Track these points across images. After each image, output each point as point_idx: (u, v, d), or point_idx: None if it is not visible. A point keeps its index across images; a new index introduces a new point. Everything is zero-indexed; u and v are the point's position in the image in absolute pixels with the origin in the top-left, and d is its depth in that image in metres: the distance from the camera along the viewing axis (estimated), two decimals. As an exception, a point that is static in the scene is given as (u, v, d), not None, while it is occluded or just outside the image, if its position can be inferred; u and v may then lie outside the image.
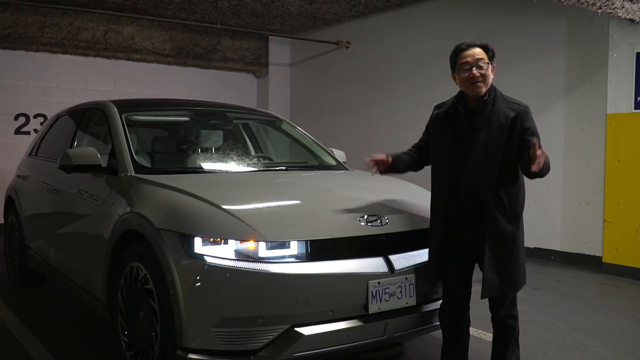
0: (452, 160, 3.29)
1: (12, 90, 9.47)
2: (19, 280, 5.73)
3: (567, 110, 7.34)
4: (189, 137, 4.72)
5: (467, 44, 3.27)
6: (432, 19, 9.03)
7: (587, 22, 6.98)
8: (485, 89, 3.23)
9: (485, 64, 3.21)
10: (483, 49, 3.25)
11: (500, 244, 3.19)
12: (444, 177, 3.32)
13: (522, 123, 3.17)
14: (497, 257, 3.19)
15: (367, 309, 3.16)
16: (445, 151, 3.34)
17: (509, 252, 3.22)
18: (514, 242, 3.24)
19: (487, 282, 3.19)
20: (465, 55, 3.23)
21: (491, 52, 3.27)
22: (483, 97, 3.23)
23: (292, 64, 12.00)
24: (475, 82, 3.20)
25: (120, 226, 3.52)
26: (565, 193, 7.36)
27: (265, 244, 3.01)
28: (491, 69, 3.25)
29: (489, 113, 3.22)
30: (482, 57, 3.21)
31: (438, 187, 3.38)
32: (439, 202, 3.36)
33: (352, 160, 10.19)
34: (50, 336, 4.35)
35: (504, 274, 3.21)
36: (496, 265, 3.19)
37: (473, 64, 3.19)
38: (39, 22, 9.35)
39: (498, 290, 3.24)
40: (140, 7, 9.38)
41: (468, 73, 3.20)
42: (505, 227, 3.19)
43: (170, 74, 10.99)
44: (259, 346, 2.96)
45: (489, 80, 3.24)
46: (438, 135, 3.44)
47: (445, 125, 3.37)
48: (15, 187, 5.86)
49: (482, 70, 3.19)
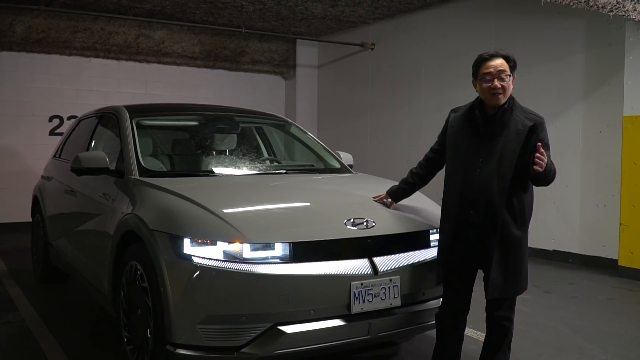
0: (466, 163, 3.37)
1: (47, 92, 9.87)
2: (43, 277, 6.02)
3: (586, 111, 7.30)
4: (196, 141, 4.91)
5: (490, 54, 3.31)
6: (454, 21, 9.06)
7: (605, 23, 6.93)
8: (505, 100, 3.29)
9: (507, 76, 3.26)
10: (505, 59, 3.28)
11: (508, 248, 3.28)
12: (458, 180, 3.40)
13: (538, 134, 3.24)
14: (505, 259, 3.28)
15: (349, 309, 3.27)
16: (461, 154, 3.41)
17: (515, 255, 3.31)
18: (520, 246, 3.33)
19: (493, 283, 3.28)
20: (488, 65, 3.28)
21: (513, 63, 3.30)
22: (502, 106, 3.30)
23: (319, 66, 12.15)
24: (496, 93, 3.26)
25: (122, 227, 3.72)
26: (584, 195, 7.32)
27: (250, 246, 3.16)
28: (512, 80, 3.29)
29: (506, 120, 3.28)
30: (504, 69, 3.26)
31: (451, 189, 3.45)
32: (451, 204, 3.43)
33: (376, 162, 10.37)
34: (64, 332, 4.57)
35: (509, 277, 3.30)
36: (503, 267, 3.28)
37: (495, 76, 3.24)
38: (71, 27, 9.74)
39: (502, 292, 3.33)
40: (169, 12, 9.66)
41: (490, 84, 3.26)
42: (514, 231, 3.28)
43: (199, 77, 11.27)
44: (242, 343, 3.10)
45: (509, 91, 3.29)
46: (454, 139, 3.49)
47: (461, 129, 3.44)
48: (40, 188, 6.15)
49: (503, 82, 3.25)
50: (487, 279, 3.31)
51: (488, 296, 3.31)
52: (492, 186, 3.25)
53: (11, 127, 9.63)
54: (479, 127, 3.36)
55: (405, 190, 3.83)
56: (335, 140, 10.60)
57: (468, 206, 3.34)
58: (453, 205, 3.41)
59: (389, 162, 10.12)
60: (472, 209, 3.32)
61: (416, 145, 9.39)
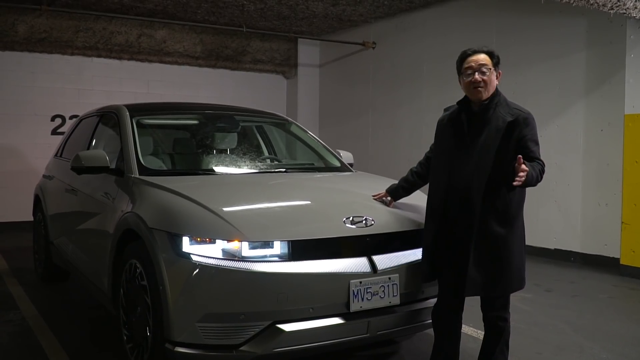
0: (450, 161, 3.38)
1: (49, 92, 9.89)
2: (44, 275, 6.03)
3: (587, 110, 7.29)
4: (196, 139, 4.92)
5: (473, 50, 3.34)
6: (455, 19, 9.05)
7: (607, 21, 6.92)
8: (487, 95, 3.29)
9: (488, 69, 3.27)
10: (488, 55, 3.31)
11: (487, 245, 3.23)
12: (442, 177, 3.41)
13: (521, 129, 3.21)
14: (483, 257, 3.23)
15: (348, 307, 3.28)
16: (445, 153, 3.43)
17: (497, 254, 3.25)
18: (505, 244, 3.25)
19: (471, 280, 3.25)
20: (469, 60, 3.31)
21: (496, 58, 3.33)
22: (484, 102, 3.30)
23: (320, 65, 12.15)
24: (476, 86, 3.27)
25: (122, 225, 3.72)
26: (585, 194, 7.31)
27: (249, 244, 3.16)
28: (495, 76, 3.31)
29: (489, 117, 3.28)
30: (485, 62, 3.28)
31: (436, 187, 3.46)
32: (436, 202, 3.43)
33: (377, 160, 10.36)
34: (65, 330, 4.59)
35: (489, 275, 3.25)
36: (481, 265, 3.23)
37: (476, 69, 3.27)
38: (73, 26, 9.76)
39: (482, 290, 3.29)
40: (170, 11, 9.67)
41: (470, 77, 3.28)
42: (495, 228, 3.23)
43: (201, 76, 11.28)
44: (241, 341, 3.11)
45: (492, 86, 3.30)
46: (440, 138, 3.53)
47: (447, 128, 3.47)
48: (41, 187, 6.17)
49: (484, 75, 3.26)
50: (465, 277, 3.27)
51: (465, 294, 3.30)
52: (471, 184, 3.25)
53: (13, 126, 9.65)
54: (462, 124, 3.36)
55: (405, 188, 3.84)
56: (336, 139, 10.61)
57: (450, 204, 3.35)
58: (437, 204, 3.41)
59: (391, 161, 10.12)
60: (453, 207, 3.33)
61: (417, 144, 9.39)
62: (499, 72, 3.33)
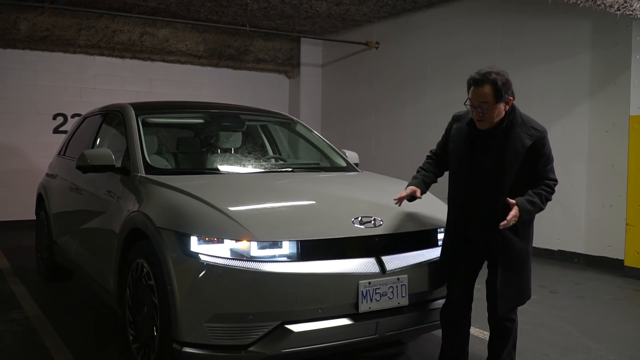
0: (467, 178, 3.38)
1: (51, 90, 9.86)
2: (47, 275, 6.00)
3: (592, 111, 7.27)
4: (201, 138, 4.90)
5: (478, 78, 3.21)
6: (459, 20, 9.03)
7: (612, 23, 6.90)
8: (490, 124, 3.27)
9: (489, 106, 3.20)
10: (493, 85, 3.16)
11: (512, 261, 3.31)
12: (460, 193, 3.43)
13: (538, 150, 3.24)
14: (511, 275, 3.32)
15: (357, 308, 3.26)
16: (463, 168, 3.41)
17: (520, 267, 3.35)
18: (527, 258, 3.38)
19: (502, 298, 3.32)
20: (472, 92, 3.24)
21: (500, 89, 3.17)
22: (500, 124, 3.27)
23: (323, 65, 12.13)
24: (478, 119, 3.28)
25: (128, 224, 3.70)
26: (590, 195, 7.29)
27: (257, 244, 3.14)
28: (502, 106, 3.22)
29: (505, 137, 3.26)
30: (486, 100, 3.18)
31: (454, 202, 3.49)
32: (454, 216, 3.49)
33: (380, 161, 10.33)
34: (69, 330, 4.56)
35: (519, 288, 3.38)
36: (510, 283, 3.33)
37: (476, 106, 3.24)
38: (75, 24, 9.73)
39: (514, 303, 3.40)
40: (173, 10, 9.65)
41: (473, 111, 3.28)
42: (517, 244, 3.30)
43: (203, 75, 11.25)
44: (250, 341, 3.09)
45: (494, 118, 3.24)
46: (455, 153, 3.48)
47: (463, 142, 3.43)
48: (44, 185, 6.14)
49: (483, 111, 3.22)
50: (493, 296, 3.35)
51: (500, 312, 3.35)
52: (490, 203, 3.27)
53: (15, 125, 9.62)
54: (476, 142, 3.36)
55: (426, 182, 3.70)
56: (339, 140, 10.58)
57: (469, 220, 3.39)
58: (456, 217, 3.47)
59: (394, 161, 10.10)
60: (473, 223, 3.37)
61: (421, 144, 9.35)
62: (508, 99, 3.23)
